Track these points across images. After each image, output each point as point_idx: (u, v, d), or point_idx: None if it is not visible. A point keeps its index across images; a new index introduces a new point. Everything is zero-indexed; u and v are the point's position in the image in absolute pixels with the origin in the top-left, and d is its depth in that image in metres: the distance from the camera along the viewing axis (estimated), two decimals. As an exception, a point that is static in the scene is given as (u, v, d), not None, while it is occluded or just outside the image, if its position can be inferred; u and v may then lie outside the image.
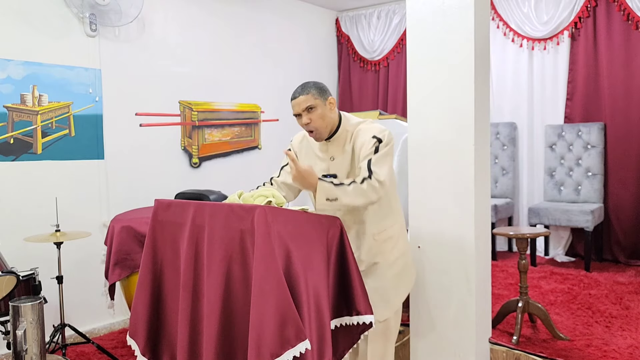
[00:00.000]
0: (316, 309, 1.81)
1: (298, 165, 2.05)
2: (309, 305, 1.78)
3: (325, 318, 1.85)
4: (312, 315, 1.79)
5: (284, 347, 1.63)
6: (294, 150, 2.45)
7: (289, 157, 2.09)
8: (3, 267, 2.88)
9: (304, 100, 2.19)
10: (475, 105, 2.73)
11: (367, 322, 1.98)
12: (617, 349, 2.95)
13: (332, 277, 1.95)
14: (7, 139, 3.47)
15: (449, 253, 2.82)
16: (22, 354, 2.40)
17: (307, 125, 2.20)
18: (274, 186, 2.42)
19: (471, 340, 2.79)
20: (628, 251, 4.76)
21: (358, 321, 1.97)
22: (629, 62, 4.64)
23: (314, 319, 1.80)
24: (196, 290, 1.87)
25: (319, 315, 1.82)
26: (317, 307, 1.82)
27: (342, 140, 2.27)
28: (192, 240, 1.90)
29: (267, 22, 5.26)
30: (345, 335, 2.01)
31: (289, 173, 2.37)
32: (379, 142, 2.16)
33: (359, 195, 2.07)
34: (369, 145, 2.16)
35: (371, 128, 2.22)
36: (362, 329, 1.99)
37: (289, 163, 2.10)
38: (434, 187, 2.85)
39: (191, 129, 4.60)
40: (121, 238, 3.11)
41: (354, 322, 1.98)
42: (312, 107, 2.18)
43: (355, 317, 1.97)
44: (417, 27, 2.89)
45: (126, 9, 3.90)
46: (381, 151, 2.15)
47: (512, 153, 5.29)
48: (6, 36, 3.45)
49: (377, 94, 6.05)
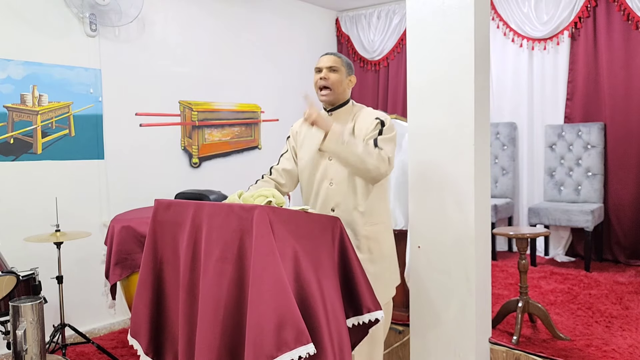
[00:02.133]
0: (333, 310, 1.79)
1: (314, 106, 2.13)
2: (325, 307, 1.75)
3: (342, 319, 1.84)
4: (330, 317, 1.77)
5: (280, 349, 1.59)
6: (294, 131, 2.49)
7: (307, 99, 2.17)
8: (3, 267, 2.87)
9: (333, 60, 2.32)
10: (475, 105, 2.73)
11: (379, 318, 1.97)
12: (617, 349, 2.95)
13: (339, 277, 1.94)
14: (7, 139, 3.47)
15: (449, 253, 2.82)
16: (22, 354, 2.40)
17: (324, 80, 2.30)
18: (274, 174, 2.45)
19: (471, 340, 2.79)
20: (628, 251, 4.76)
21: (370, 318, 1.96)
22: (629, 62, 4.64)
23: (332, 321, 1.77)
24: (193, 290, 1.87)
25: (336, 317, 1.80)
26: (333, 309, 1.80)
27: (344, 117, 2.34)
28: (191, 240, 1.89)
29: (267, 22, 5.26)
30: (357, 332, 2.00)
31: (289, 160, 2.45)
32: (381, 124, 2.25)
33: (368, 154, 2.12)
34: (372, 125, 2.25)
35: (374, 111, 2.35)
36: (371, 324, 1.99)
37: (307, 108, 2.14)
38: (433, 187, 2.85)
39: (191, 129, 4.60)
40: (121, 238, 3.11)
41: (365, 320, 1.97)
42: (335, 70, 2.31)
43: (367, 315, 1.96)
44: (417, 27, 2.89)
45: (126, 9, 3.90)
46: (385, 135, 2.23)
47: (512, 153, 5.29)
48: (6, 36, 3.45)
49: (377, 94, 6.06)
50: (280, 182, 2.45)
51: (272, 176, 2.46)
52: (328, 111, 2.37)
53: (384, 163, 2.15)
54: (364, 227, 2.28)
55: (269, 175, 2.47)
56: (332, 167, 2.30)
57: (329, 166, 2.31)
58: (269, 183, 2.42)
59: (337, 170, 2.28)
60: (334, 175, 2.30)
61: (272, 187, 2.35)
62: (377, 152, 2.15)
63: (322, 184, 2.33)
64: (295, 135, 2.48)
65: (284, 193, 2.46)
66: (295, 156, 2.46)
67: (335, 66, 2.30)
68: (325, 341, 1.70)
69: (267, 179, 2.44)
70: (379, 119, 2.27)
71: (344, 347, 1.80)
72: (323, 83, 2.30)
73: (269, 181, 2.43)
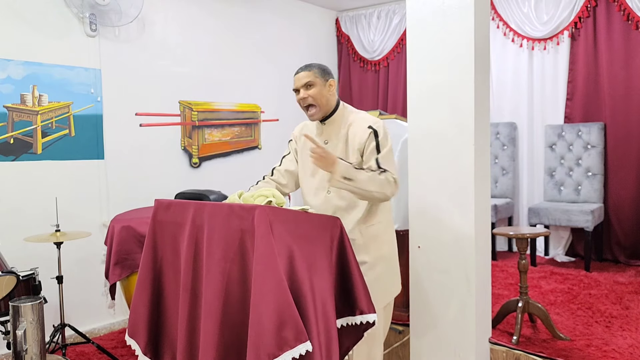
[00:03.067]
0: (322, 309, 1.81)
1: (319, 144, 2.11)
2: (315, 306, 1.77)
3: (332, 318, 1.85)
4: (319, 316, 1.78)
5: (282, 348, 1.62)
6: (296, 136, 2.49)
7: (308, 138, 2.16)
8: (3, 267, 2.88)
9: (305, 76, 2.27)
10: (475, 105, 2.73)
11: (371, 321, 1.97)
12: (617, 349, 2.95)
13: (335, 277, 1.95)
14: (7, 139, 3.47)
15: (449, 253, 2.82)
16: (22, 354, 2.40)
17: (303, 99, 2.28)
18: (276, 175, 2.45)
19: (471, 340, 2.79)
20: (628, 251, 4.76)
21: (362, 320, 1.97)
22: (629, 62, 4.64)
23: (321, 320, 1.79)
24: (195, 290, 1.87)
25: (325, 316, 1.81)
26: (323, 308, 1.81)
27: (337, 124, 2.33)
28: (191, 240, 1.89)
29: (267, 22, 5.26)
30: (350, 333, 2.01)
31: (291, 161, 2.45)
32: (375, 134, 2.23)
33: (375, 183, 2.12)
34: (365, 135, 2.24)
35: (366, 118, 2.32)
36: (366, 327, 1.99)
37: (312, 146, 2.12)
38: (434, 187, 2.86)
39: (191, 129, 4.60)
40: (121, 238, 3.11)
41: (357, 322, 1.97)
42: (311, 85, 2.27)
43: (359, 317, 1.97)
44: (417, 27, 2.89)
45: (126, 9, 3.90)
46: (383, 149, 2.23)
47: (512, 153, 5.29)
48: (6, 36, 3.45)
49: (377, 94, 6.05)
50: (281, 182, 2.45)
51: (274, 177, 2.46)
52: (321, 121, 2.35)
53: (389, 186, 2.16)
54: (362, 228, 2.27)
55: (270, 176, 2.48)
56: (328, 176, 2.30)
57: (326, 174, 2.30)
58: (270, 184, 2.42)
59: None
60: None
61: (273, 188, 2.36)
62: (384, 178, 2.14)
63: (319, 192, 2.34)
64: (297, 139, 2.49)
65: (285, 194, 2.46)
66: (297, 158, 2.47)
67: (309, 81, 2.26)
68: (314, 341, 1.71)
69: (268, 180, 2.45)
70: (371, 128, 2.24)
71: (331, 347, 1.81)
72: (304, 103, 2.29)
73: (270, 182, 2.44)
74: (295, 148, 2.48)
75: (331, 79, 2.32)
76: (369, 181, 2.11)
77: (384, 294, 2.34)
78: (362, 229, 2.28)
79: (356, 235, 2.26)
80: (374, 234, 2.30)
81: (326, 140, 2.33)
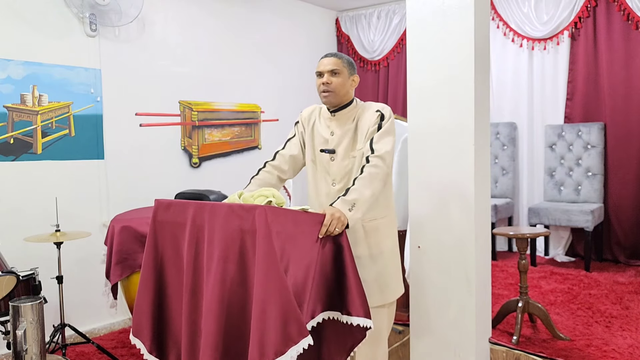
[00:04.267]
0: None
1: (323, 217, 1.99)
2: None
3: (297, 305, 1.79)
4: None
5: (287, 345, 1.65)
6: (304, 119, 2.44)
7: None
8: (3, 267, 2.88)
9: (333, 63, 2.26)
10: (475, 105, 2.73)
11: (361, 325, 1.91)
12: (617, 349, 2.95)
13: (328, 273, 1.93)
14: (7, 139, 3.47)
15: (449, 253, 2.82)
16: (22, 354, 2.40)
17: (326, 84, 2.25)
18: (278, 160, 2.42)
19: (471, 340, 2.79)
20: (628, 251, 4.76)
21: (348, 321, 1.92)
22: (629, 62, 4.64)
23: None
24: (195, 290, 1.88)
25: None
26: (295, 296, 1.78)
27: (347, 118, 2.31)
28: (192, 241, 1.90)
29: (267, 23, 5.26)
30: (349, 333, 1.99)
31: (295, 145, 2.43)
32: (381, 117, 2.23)
33: (367, 183, 2.09)
34: (373, 118, 2.23)
35: (374, 104, 2.31)
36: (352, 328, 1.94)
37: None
38: (434, 187, 2.85)
39: (191, 129, 4.60)
40: (121, 238, 3.11)
41: (344, 321, 1.94)
42: (337, 72, 2.25)
43: (345, 317, 1.93)
44: (417, 27, 2.89)
45: (126, 9, 3.90)
46: (382, 128, 2.22)
47: (512, 153, 5.29)
48: (6, 36, 3.45)
49: (377, 94, 6.05)
50: (283, 168, 2.40)
51: (276, 162, 2.41)
52: (331, 112, 2.33)
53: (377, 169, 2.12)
54: (363, 223, 2.25)
55: (271, 160, 2.43)
56: (333, 167, 2.30)
57: (331, 166, 2.31)
58: (271, 174, 2.38)
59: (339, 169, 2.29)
60: (336, 175, 2.30)
61: (274, 178, 2.36)
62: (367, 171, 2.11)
63: (324, 183, 2.33)
64: (305, 121, 2.43)
65: (283, 180, 2.43)
66: (303, 143, 2.43)
67: (336, 69, 2.25)
68: None
69: (269, 169, 2.40)
70: (379, 111, 2.25)
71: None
72: (325, 88, 2.26)
73: (271, 171, 2.39)
74: (302, 131, 2.43)
75: (355, 75, 2.33)
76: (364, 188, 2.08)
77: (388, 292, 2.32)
78: (365, 223, 2.26)
79: (359, 229, 2.25)
80: (376, 228, 2.29)
81: (332, 132, 2.32)
